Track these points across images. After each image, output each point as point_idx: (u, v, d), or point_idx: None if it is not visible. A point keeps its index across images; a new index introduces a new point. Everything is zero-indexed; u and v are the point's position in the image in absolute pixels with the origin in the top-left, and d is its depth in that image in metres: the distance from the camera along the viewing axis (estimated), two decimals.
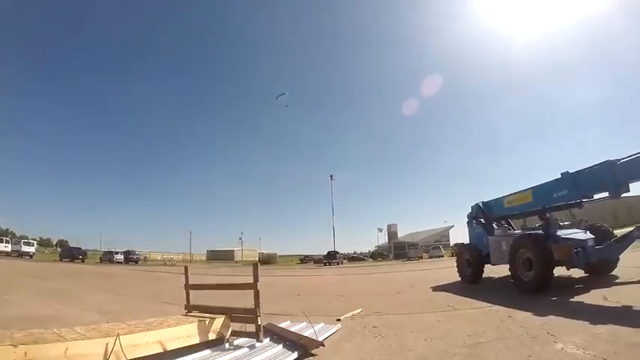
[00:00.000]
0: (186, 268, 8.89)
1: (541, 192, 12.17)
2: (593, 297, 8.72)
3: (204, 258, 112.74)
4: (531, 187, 12.68)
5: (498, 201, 14.60)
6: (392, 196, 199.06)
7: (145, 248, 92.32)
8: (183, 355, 5.70)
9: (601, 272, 11.44)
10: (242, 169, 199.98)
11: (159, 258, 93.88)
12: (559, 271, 10.66)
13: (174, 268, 52.05)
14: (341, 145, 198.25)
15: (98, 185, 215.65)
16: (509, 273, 11.99)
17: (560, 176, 11.14)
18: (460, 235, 71.68)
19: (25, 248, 53.52)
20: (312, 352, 6.06)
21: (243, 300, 7.31)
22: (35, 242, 62.45)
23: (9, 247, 52.29)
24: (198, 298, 8.22)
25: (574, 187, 10.71)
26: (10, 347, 4.08)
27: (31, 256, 52.64)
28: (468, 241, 16.82)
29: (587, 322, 6.36)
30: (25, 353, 4.13)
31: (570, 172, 10.82)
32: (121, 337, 5.06)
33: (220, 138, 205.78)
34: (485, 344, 5.93)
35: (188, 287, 8.26)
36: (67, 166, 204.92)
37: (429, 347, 6.06)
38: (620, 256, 11.16)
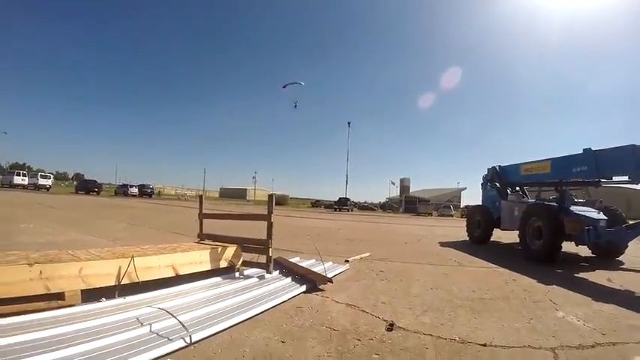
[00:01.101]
0: (200, 197, 8.97)
1: (560, 164, 11.94)
2: (598, 276, 8.68)
3: (216, 195, 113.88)
4: (551, 158, 12.45)
5: (516, 167, 14.35)
6: (408, 151, 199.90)
7: (159, 183, 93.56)
8: (194, 281, 5.84)
9: (607, 255, 11.35)
10: (261, 109, 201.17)
11: (172, 193, 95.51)
12: (566, 247, 10.59)
13: (187, 202, 53.00)
14: (361, 95, 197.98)
15: (115, 120, 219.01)
16: (518, 240, 11.98)
17: (582, 152, 10.94)
18: (472, 197, 71.34)
19: (42, 181, 55.00)
20: (320, 287, 6.18)
21: (254, 236, 7.43)
22: (51, 175, 63.43)
23: (26, 181, 54.13)
24: (210, 231, 8.32)
25: (594, 165, 10.46)
26: (25, 266, 4.19)
27: (48, 189, 53.98)
28: (481, 203, 16.74)
29: (590, 298, 6.36)
30: (41, 272, 4.24)
31: (593, 149, 10.63)
32: (134, 259, 5.15)
33: (241, 77, 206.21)
34: (489, 301, 5.98)
35: (202, 216, 8.30)
36: (84, 101, 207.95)
37: (434, 296, 6.15)
38: (628, 243, 11.01)
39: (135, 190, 64.28)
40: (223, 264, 6.71)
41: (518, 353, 3.86)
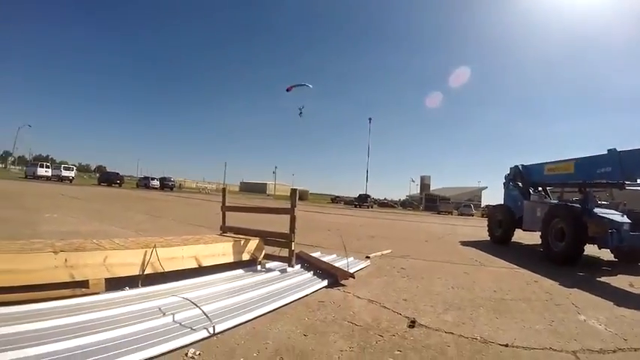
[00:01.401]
0: (224, 190, 8.94)
1: (584, 165, 11.69)
2: (620, 281, 8.48)
3: (237, 189, 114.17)
4: (574, 158, 12.21)
5: (539, 167, 14.10)
6: (429, 149, 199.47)
7: (180, 176, 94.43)
8: (216, 273, 5.90)
9: (630, 260, 11.01)
10: (282, 104, 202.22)
11: (193, 186, 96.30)
12: (588, 250, 10.39)
13: (208, 195, 53.97)
14: (383, 91, 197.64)
15: (137, 114, 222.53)
16: (540, 241, 11.83)
17: (606, 152, 10.71)
18: (492, 197, 70.48)
19: (65, 173, 55.87)
20: (342, 282, 6.21)
21: (275, 229, 7.50)
22: (74, 167, 64.50)
23: (49, 172, 54.68)
24: (232, 224, 8.37)
25: (619, 166, 10.17)
26: (51, 254, 4.27)
27: (71, 181, 54.70)
28: (503, 202, 16.48)
29: (612, 303, 6.25)
30: (66, 260, 4.32)
31: (618, 149, 10.39)
32: (158, 249, 5.23)
33: (261, 72, 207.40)
34: (511, 302, 5.94)
35: (224, 208, 8.37)
36: (106, 96, 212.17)
37: (455, 294, 6.15)
38: None
39: (156, 183, 65.48)
40: (246, 257, 6.76)
41: (539, 355, 3.84)
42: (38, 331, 3.19)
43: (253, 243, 6.96)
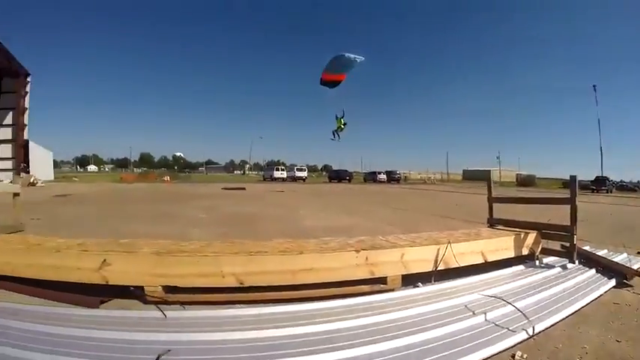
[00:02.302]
0: (489, 179, 8.56)
1: None
2: None
3: (459, 178, 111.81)
4: None
5: None
6: None
7: (404, 168, 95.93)
8: (498, 268, 5.78)
9: None
10: (504, 84, 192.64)
11: (417, 177, 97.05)
12: None
13: (435, 185, 56.42)
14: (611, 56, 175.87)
15: (361, 111, 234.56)
16: None
17: None
18: None
19: (299, 173, 64.46)
20: (628, 282, 5.50)
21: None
22: (305, 168, 71.86)
23: (284, 174, 64.41)
24: (474, 214, 8.09)
25: None
26: (353, 252, 4.70)
27: (304, 180, 62.79)
28: None
29: None
30: (367, 258, 4.72)
31: None
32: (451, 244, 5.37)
33: (482, 51, 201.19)
34: None
35: (491, 200, 8.01)
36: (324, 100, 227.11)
37: None
38: None
39: (383, 177, 69.53)
40: (525, 251, 6.45)
41: None
42: (352, 329, 3.43)
43: (531, 237, 6.61)
